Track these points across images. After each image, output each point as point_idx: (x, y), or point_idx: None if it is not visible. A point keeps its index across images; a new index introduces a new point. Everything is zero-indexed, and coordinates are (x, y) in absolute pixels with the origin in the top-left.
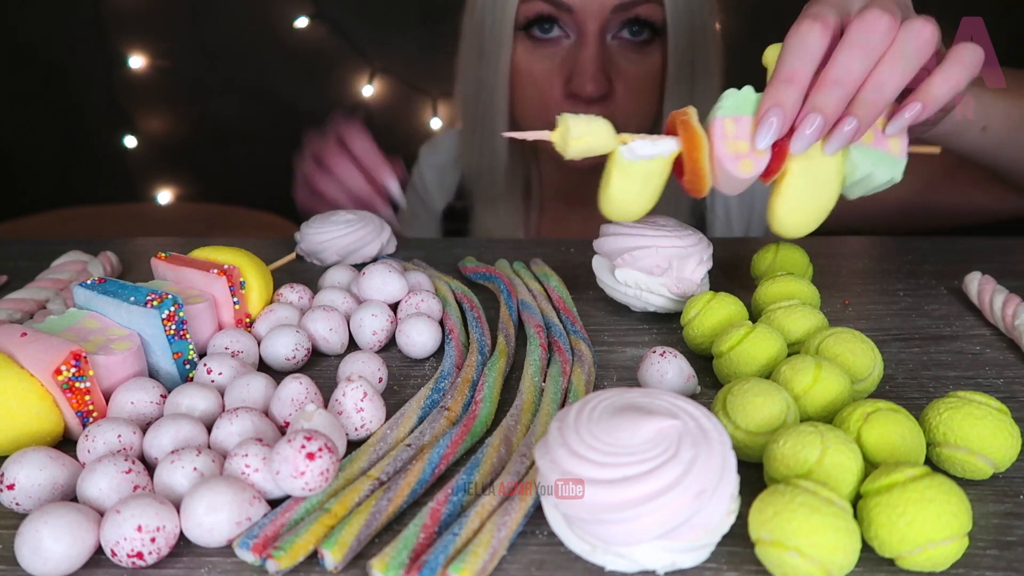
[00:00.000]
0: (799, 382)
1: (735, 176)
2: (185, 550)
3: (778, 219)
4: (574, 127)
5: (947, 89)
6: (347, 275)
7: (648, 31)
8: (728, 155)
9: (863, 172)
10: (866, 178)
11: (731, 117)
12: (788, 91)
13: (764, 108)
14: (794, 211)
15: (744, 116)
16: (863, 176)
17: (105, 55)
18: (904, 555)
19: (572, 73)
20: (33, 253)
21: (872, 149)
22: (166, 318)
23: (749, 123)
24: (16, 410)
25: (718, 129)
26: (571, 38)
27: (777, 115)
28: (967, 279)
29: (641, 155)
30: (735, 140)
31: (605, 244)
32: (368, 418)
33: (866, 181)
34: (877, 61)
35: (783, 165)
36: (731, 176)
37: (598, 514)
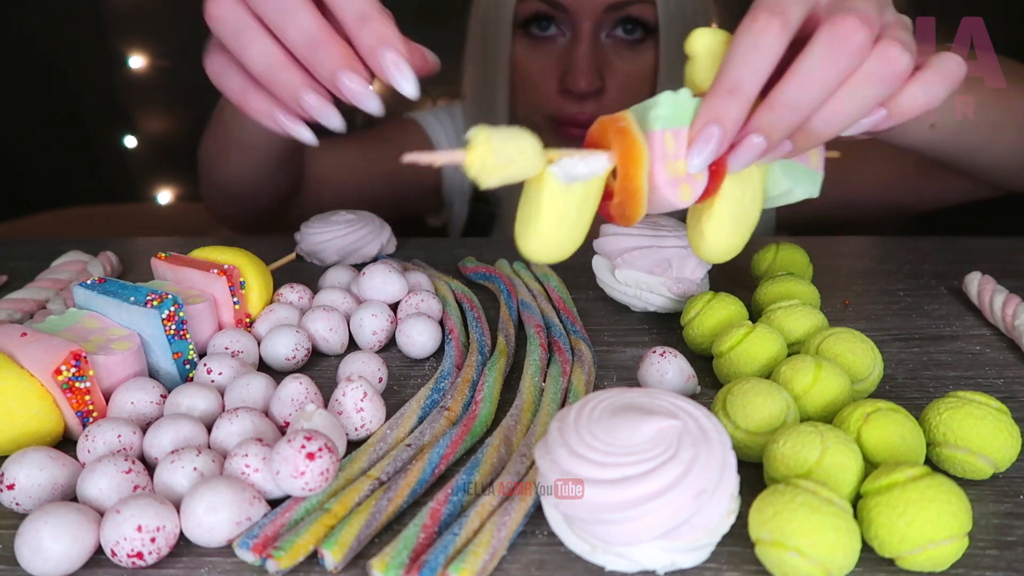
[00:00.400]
0: (799, 382)
1: (672, 204)
2: (185, 550)
3: (709, 244)
4: (500, 149)
5: (922, 102)
6: (347, 275)
7: (641, 30)
8: (667, 179)
9: (783, 188)
10: (784, 194)
11: (671, 130)
12: (731, 104)
13: (701, 123)
14: (727, 234)
15: (684, 128)
16: (782, 192)
17: (105, 55)
18: (904, 555)
19: (566, 69)
20: (33, 253)
21: (795, 164)
22: (166, 318)
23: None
24: (16, 410)
25: (657, 146)
26: (566, 36)
27: (717, 133)
28: (967, 279)
29: (576, 176)
30: (675, 160)
31: (605, 244)
32: (368, 418)
33: (783, 197)
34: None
35: (719, 189)
36: (667, 203)
37: (598, 514)
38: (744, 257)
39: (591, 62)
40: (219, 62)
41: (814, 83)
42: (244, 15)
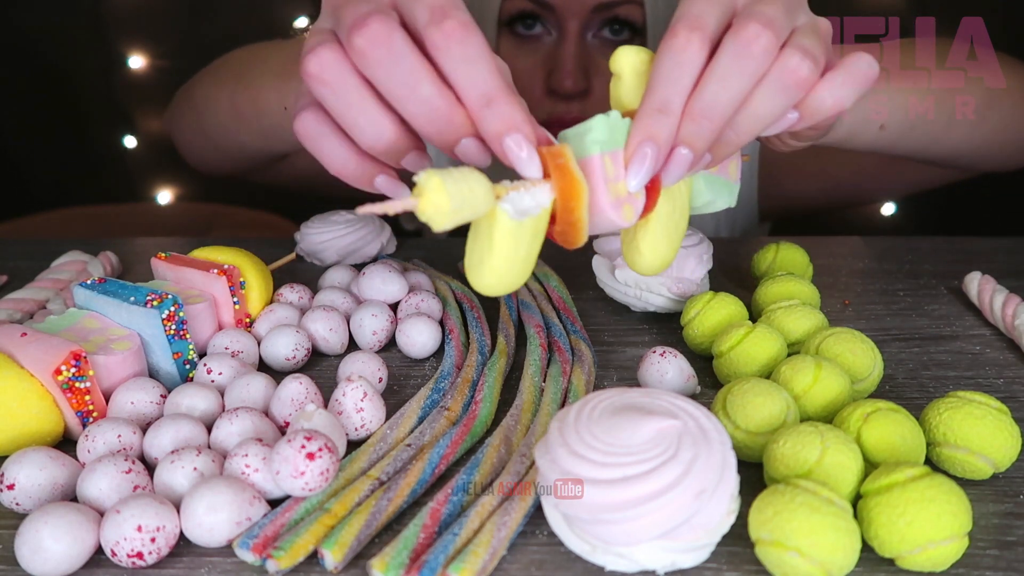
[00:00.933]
0: (799, 382)
1: (616, 225)
2: (185, 550)
3: (647, 260)
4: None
5: (831, 103)
6: (347, 275)
7: (628, 30)
8: (610, 202)
9: (704, 200)
10: (706, 205)
11: (609, 153)
12: (661, 123)
13: (636, 143)
14: (662, 248)
15: (620, 150)
16: (704, 204)
17: (105, 55)
18: (904, 555)
19: (552, 69)
20: (33, 253)
21: (716, 177)
22: (166, 318)
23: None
24: (16, 410)
25: (597, 170)
26: (552, 35)
27: (651, 151)
28: (967, 279)
29: (526, 211)
30: (615, 182)
31: (605, 244)
32: (368, 418)
33: (705, 208)
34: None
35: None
36: (611, 224)
37: (598, 514)
38: (744, 257)
39: (577, 62)
40: (314, 124)
41: (726, 90)
42: (351, 78)
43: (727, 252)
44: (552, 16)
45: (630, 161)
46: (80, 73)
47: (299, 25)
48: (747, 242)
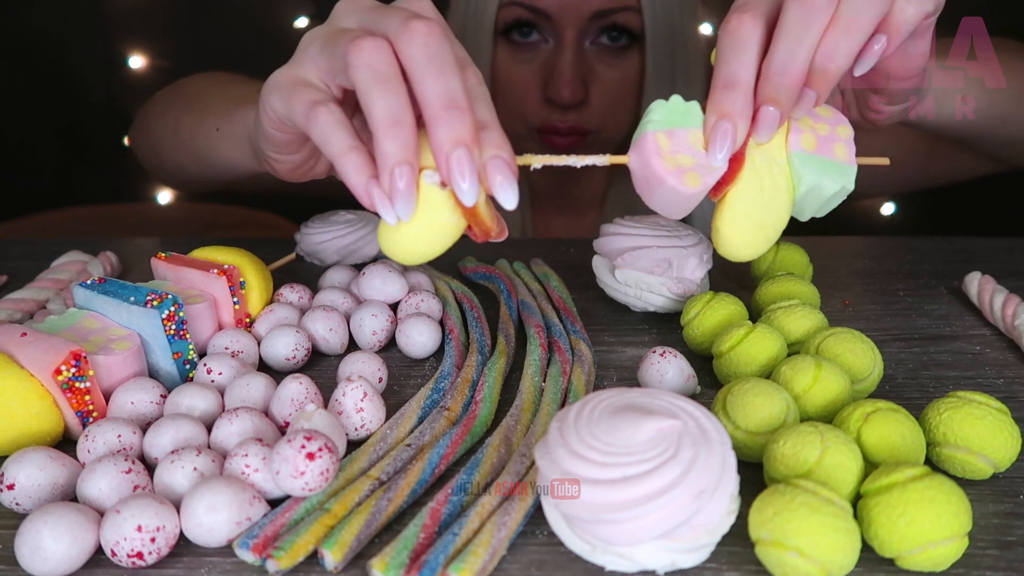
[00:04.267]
0: (799, 382)
1: (680, 192)
2: (185, 550)
3: (724, 238)
4: None
5: (912, 12)
6: (347, 275)
7: (626, 37)
8: (668, 170)
9: (809, 183)
10: (814, 190)
11: (663, 131)
12: (731, 98)
13: (711, 121)
14: (743, 231)
15: (678, 130)
16: (810, 187)
17: (105, 55)
18: (904, 555)
19: (549, 79)
20: (33, 253)
21: (814, 156)
22: (166, 318)
23: (686, 136)
24: (16, 410)
25: (651, 144)
26: (550, 43)
27: (728, 125)
28: (967, 279)
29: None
30: (673, 154)
31: (605, 244)
32: (368, 418)
33: (815, 193)
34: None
35: (735, 177)
36: (676, 192)
37: (598, 514)
38: None
39: (575, 71)
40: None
41: (795, 44)
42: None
43: None
44: (549, 24)
45: (710, 138)
46: (80, 73)
47: (299, 25)
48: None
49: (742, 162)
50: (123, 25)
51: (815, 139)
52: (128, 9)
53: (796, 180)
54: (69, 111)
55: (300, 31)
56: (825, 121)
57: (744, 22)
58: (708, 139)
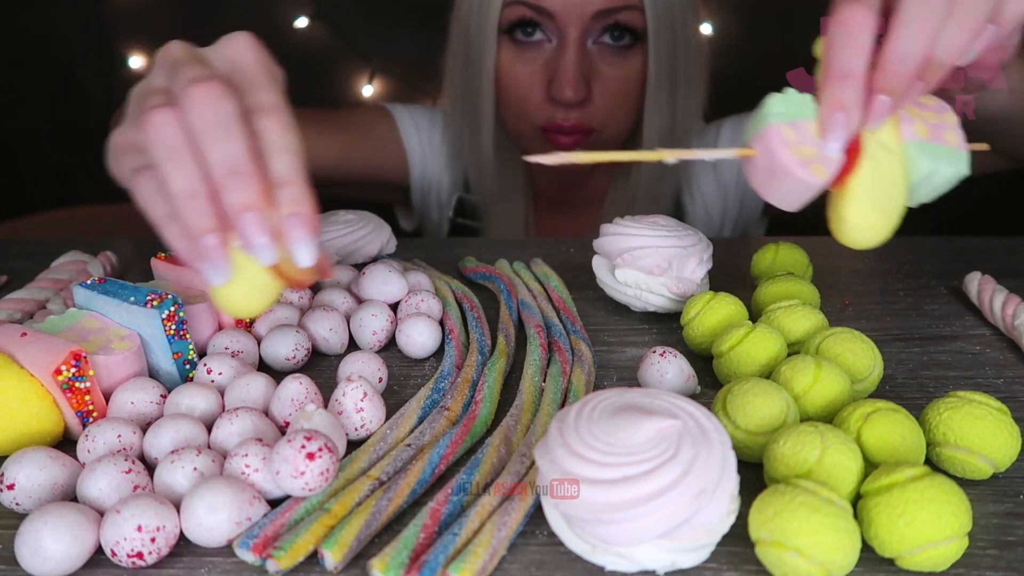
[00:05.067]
0: (799, 382)
1: (808, 183)
2: (185, 550)
3: (852, 226)
4: None
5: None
6: (347, 275)
7: (629, 36)
8: (796, 161)
9: (925, 169)
10: (930, 175)
11: (786, 123)
12: (846, 89)
13: (826, 112)
14: (868, 215)
15: (799, 121)
16: (926, 174)
17: (105, 55)
18: (904, 555)
19: (552, 77)
20: (33, 253)
21: (929, 143)
22: (166, 318)
23: (807, 128)
24: (16, 410)
25: (775, 136)
26: (553, 42)
27: (842, 117)
28: (967, 279)
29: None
30: (798, 145)
31: (605, 244)
32: (368, 418)
33: (930, 179)
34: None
35: (854, 167)
36: (803, 183)
37: (598, 514)
38: (744, 257)
39: (578, 70)
40: (150, 187)
41: (914, 35)
42: (179, 136)
43: (727, 252)
44: (552, 23)
45: (825, 128)
46: (80, 73)
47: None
48: (747, 242)
49: (859, 153)
50: (123, 25)
51: (927, 127)
52: (128, 9)
53: (913, 167)
54: (69, 111)
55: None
56: (931, 110)
57: (857, 13)
58: (824, 128)
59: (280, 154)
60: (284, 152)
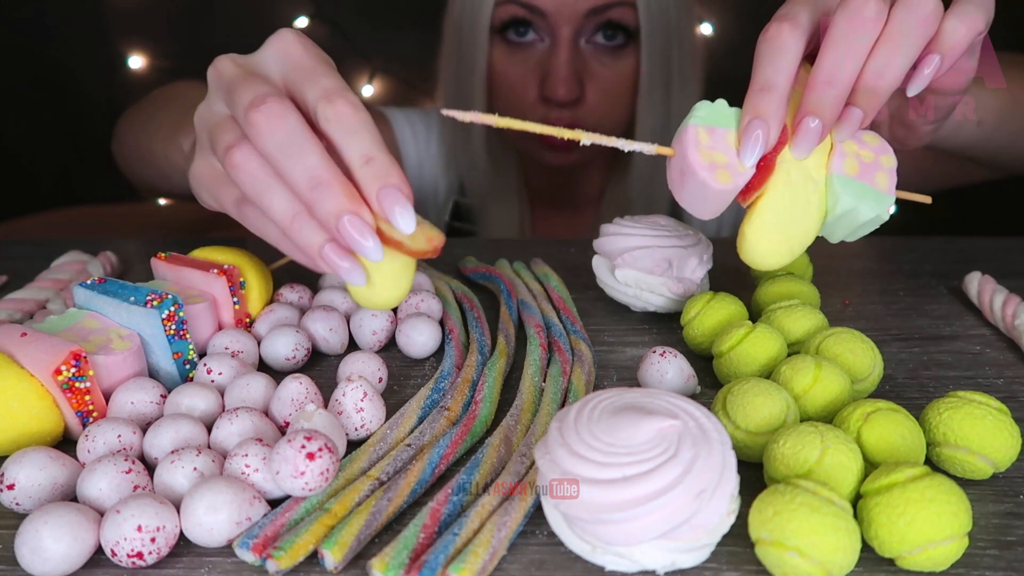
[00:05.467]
0: (799, 382)
1: (710, 187)
2: (185, 550)
3: (749, 244)
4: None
5: (963, 33)
6: None
7: (622, 35)
8: (702, 163)
9: (845, 206)
10: (848, 213)
11: (704, 127)
12: (767, 100)
13: (745, 121)
14: (767, 237)
15: (719, 128)
16: (845, 210)
17: (105, 55)
18: (904, 555)
19: (545, 77)
20: (33, 253)
21: (855, 181)
22: (166, 318)
23: (725, 136)
24: (16, 410)
25: (691, 137)
26: (545, 42)
27: (760, 127)
28: (967, 279)
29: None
30: (710, 150)
31: (605, 244)
32: (368, 418)
33: (849, 217)
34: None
35: (764, 184)
36: (705, 187)
37: (598, 514)
38: None
39: (571, 69)
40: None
41: (841, 55)
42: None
43: (727, 252)
44: (544, 22)
45: (742, 139)
46: (80, 73)
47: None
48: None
49: (771, 170)
50: (123, 25)
51: (858, 164)
52: (128, 9)
53: (832, 202)
54: (69, 111)
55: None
56: (870, 148)
57: (783, 30)
58: (740, 138)
59: (355, 135)
60: (358, 132)
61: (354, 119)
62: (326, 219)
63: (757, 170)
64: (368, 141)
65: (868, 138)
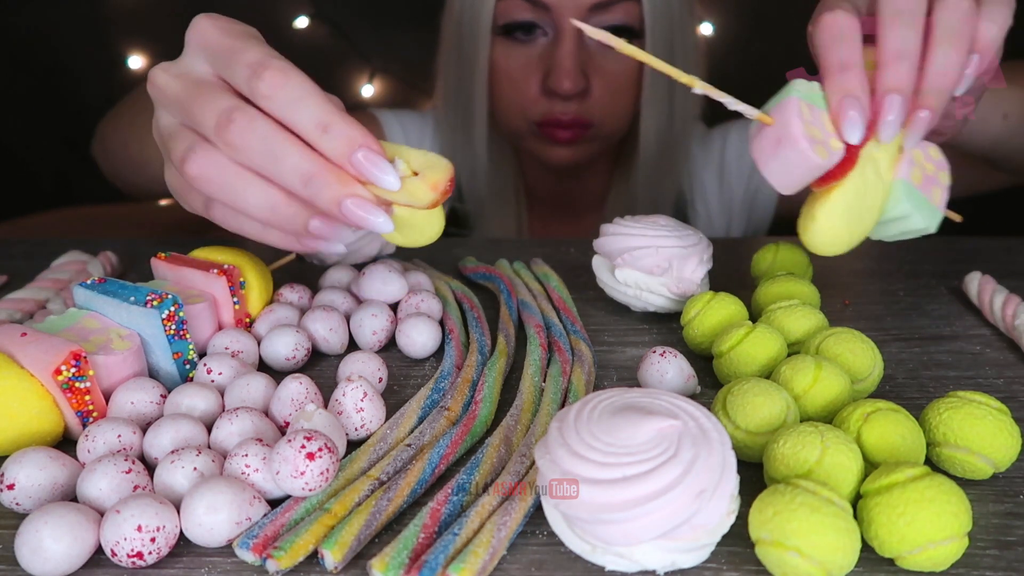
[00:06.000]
0: (799, 382)
1: (809, 159)
2: (185, 550)
3: (820, 227)
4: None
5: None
6: (347, 275)
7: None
8: (805, 135)
9: (902, 211)
10: (902, 219)
11: (805, 102)
12: (849, 77)
13: (836, 100)
14: (836, 225)
15: (816, 107)
16: (900, 215)
17: (105, 55)
18: (904, 555)
19: (549, 70)
20: (33, 253)
21: (917, 191)
22: (166, 318)
23: (821, 115)
24: (16, 410)
25: (794, 107)
26: (548, 36)
27: (854, 103)
28: (967, 279)
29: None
30: (810, 124)
31: (605, 244)
32: (368, 418)
33: (901, 222)
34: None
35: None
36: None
37: (598, 514)
38: (744, 257)
39: (575, 61)
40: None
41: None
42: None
43: (727, 252)
44: (547, 16)
45: (839, 118)
46: (80, 73)
47: (299, 25)
48: (747, 242)
49: (855, 162)
50: (123, 25)
51: (922, 175)
52: (128, 9)
53: (892, 204)
54: (69, 111)
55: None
56: (934, 162)
57: (838, 15)
58: (838, 116)
59: (298, 105)
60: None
61: (289, 87)
62: (326, 206)
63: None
64: (314, 107)
65: (933, 152)
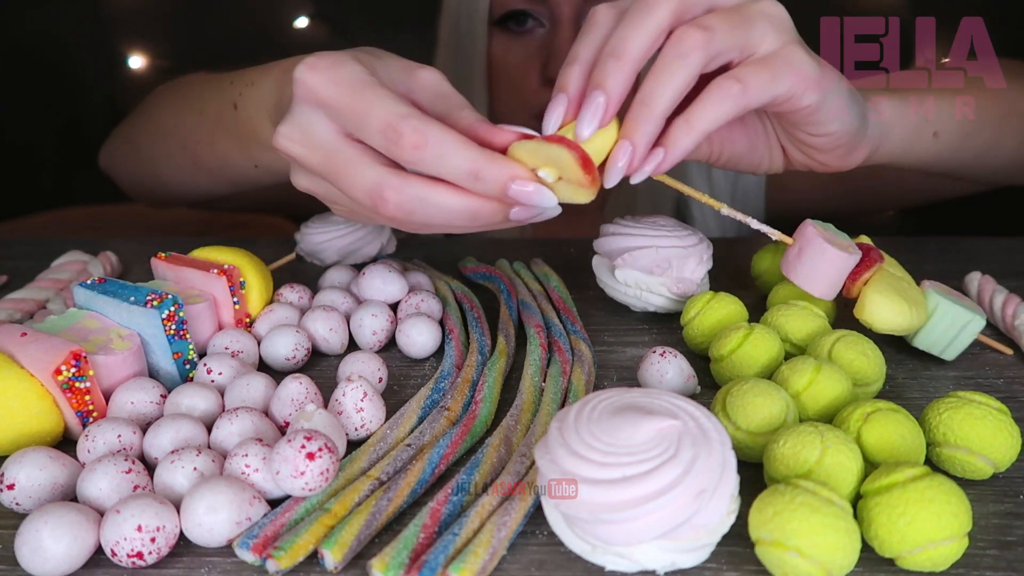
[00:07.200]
0: (797, 381)
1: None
2: (185, 550)
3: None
4: None
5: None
6: (347, 275)
7: None
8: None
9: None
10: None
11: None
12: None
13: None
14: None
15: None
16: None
17: (105, 55)
18: (904, 555)
19: (548, 58)
20: (33, 253)
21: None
22: (166, 318)
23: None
24: (16, 410)
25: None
26: (545, 27)
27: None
28: (967, 279)
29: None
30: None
31: (605, 244)
32: (368, 418)
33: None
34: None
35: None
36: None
37: (598, 514)
38: (744, 257)
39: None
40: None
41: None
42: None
43: (727, 252)
44: (544, 7)
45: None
46: (80, 73)
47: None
48: (747, 242)
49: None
50: (123, 25)
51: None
52: (128, 9)
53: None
54: (69, 111)
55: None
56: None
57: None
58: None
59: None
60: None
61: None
62: (497, 195)
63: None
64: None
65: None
